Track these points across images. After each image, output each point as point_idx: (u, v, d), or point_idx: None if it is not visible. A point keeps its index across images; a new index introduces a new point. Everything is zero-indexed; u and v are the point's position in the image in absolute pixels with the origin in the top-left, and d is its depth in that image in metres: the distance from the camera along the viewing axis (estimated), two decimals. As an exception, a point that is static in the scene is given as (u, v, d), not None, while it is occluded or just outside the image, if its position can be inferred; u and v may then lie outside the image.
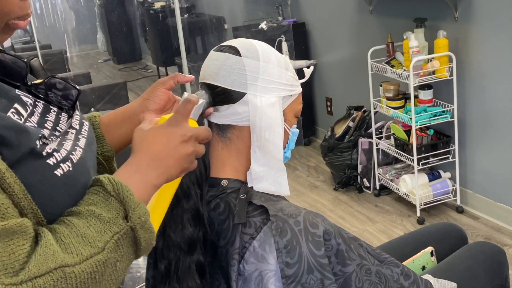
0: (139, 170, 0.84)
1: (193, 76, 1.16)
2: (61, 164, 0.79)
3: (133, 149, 0.87)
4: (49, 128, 0.84)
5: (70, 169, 0.81)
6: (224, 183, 1.09)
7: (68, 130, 0.88)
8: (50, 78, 0.91)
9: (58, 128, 0.86)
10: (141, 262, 2.79)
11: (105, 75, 7.41)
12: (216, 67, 1.09)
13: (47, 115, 0.87)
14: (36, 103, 0.87)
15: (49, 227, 0.75)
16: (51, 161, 0.78)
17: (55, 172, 0.78)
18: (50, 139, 0.81)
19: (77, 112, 0.94)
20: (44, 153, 0.78)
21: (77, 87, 0.93)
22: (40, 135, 0.79)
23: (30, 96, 0.87)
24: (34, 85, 0.90)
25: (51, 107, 0.89)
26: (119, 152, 1.14)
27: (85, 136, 0.91)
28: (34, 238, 0.72)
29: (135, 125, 1.10)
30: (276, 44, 3.94)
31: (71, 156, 0.82)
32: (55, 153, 0.79)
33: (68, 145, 0.84)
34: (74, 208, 0.78)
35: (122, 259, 0.77)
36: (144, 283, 1.22)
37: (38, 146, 0.78)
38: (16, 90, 0.85)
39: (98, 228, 0.75)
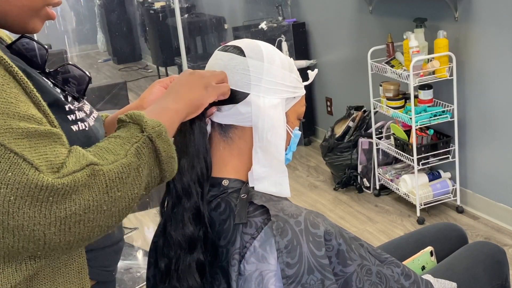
0: (157, 102, 0.98)
1: None
2: (79, 123, 0.94)
3: (171, 89, 1.01)
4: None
5: (86, 128, 0.95)
6: (225, 183, 1.09)
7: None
8: (66, 66, 1.02)
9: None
10: (141, 262, 2.79)
11: (105, 75, 7.41)
12: (220, 66, 1.09)
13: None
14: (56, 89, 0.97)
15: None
16: (70, 117, 0.93)
17: (72, 127, 0.92)
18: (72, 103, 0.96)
19: (86, 102, 1.05)
20: (66, 108, 0.93)
21: (88, 74, 1.05)
22: (63, 94, 0.95)
23: (49, 83, 0.97)
24: (52, 72, 0.99)
25: (66, 94, 1.00)
26: None
27: (94, 118, 1.04)
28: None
29: None
30: (276, 44, 3.94)
31: (87, 119, 0.98)
32: (76, 112, 0.95)
33: (83, 113, 0.99)
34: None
35: (145, 166, 0.86)
36: (145, 283, 1.23)
37: (62, 99, 0.93)
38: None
39: (119, 143, 0.86)
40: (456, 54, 2.79)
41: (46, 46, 0.99)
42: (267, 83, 1.08)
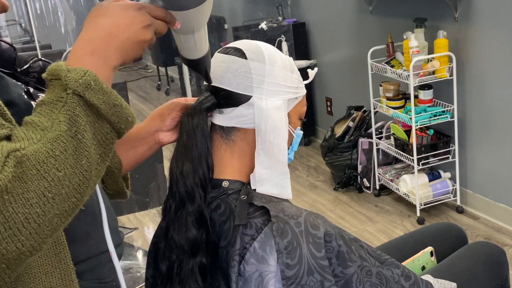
0: (96, 50, 0.76)
1: None
2: None
3: (87, 23, 0.78)
4: None
5: None
6: (225, 184, 1.09)
7: None
8: (36, 61, 0.91)
9: None
10: (141, 262, 2.79)
11: (105, 75, 7.40)
12: (222, 69, 1.08)
13: None
14: (28, 91, 0.87)
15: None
16: None
17: None
18: None
19: None
20: None
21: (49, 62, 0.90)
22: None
23: (21, 84, 0.87)
24: (23, 71, 0.90)
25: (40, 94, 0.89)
26: (129, 170, 1.15)
27: None
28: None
29: (151, 145, 1.13)
30: (276, 44, 3.94)
31: None
32: None
33: None
34: None
35: (86, 129, 0.72)
36: (144, 283, 1.22)
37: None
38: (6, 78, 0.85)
39: (46, 111, 0.71)
40: (456, 54, 2.79)
41: (14, 45, 0.88)
42: (269, 85, 1.08)
